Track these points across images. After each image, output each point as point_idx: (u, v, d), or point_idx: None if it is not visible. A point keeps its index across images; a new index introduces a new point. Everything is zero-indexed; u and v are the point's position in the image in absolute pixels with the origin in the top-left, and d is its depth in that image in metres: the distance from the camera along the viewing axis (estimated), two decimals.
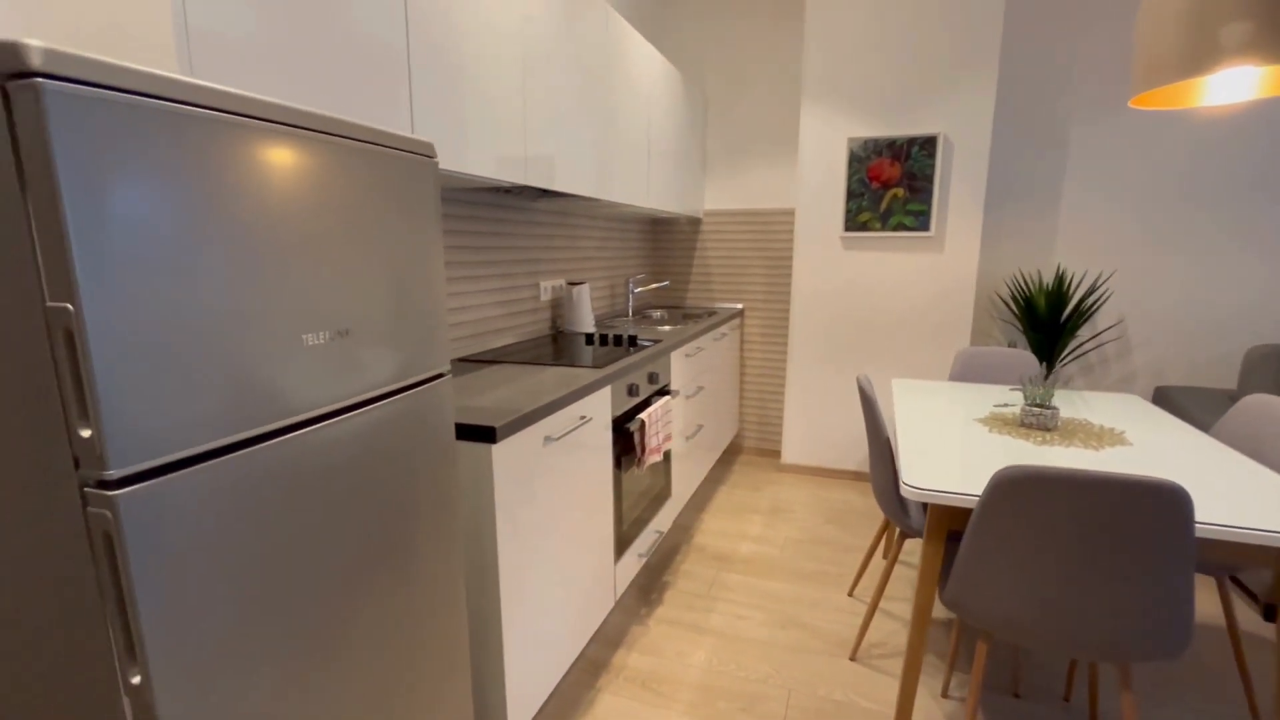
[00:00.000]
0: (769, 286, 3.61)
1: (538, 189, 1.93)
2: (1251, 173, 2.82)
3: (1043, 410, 1.78)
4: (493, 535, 1.32)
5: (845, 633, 2.10)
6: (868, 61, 2.99)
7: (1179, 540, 1.14)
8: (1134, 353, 3.11)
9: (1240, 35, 1.38)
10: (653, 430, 2.09)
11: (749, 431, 3.80)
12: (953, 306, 3.05)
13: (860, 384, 1.94)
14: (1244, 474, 1.44)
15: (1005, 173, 3.16)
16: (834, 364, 3.29)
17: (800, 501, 3.15)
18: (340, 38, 1.16)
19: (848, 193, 3.11)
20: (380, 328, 0.98)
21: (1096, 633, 1.25)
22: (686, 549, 2.66)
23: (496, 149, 1.65)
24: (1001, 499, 1.24)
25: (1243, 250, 2.88)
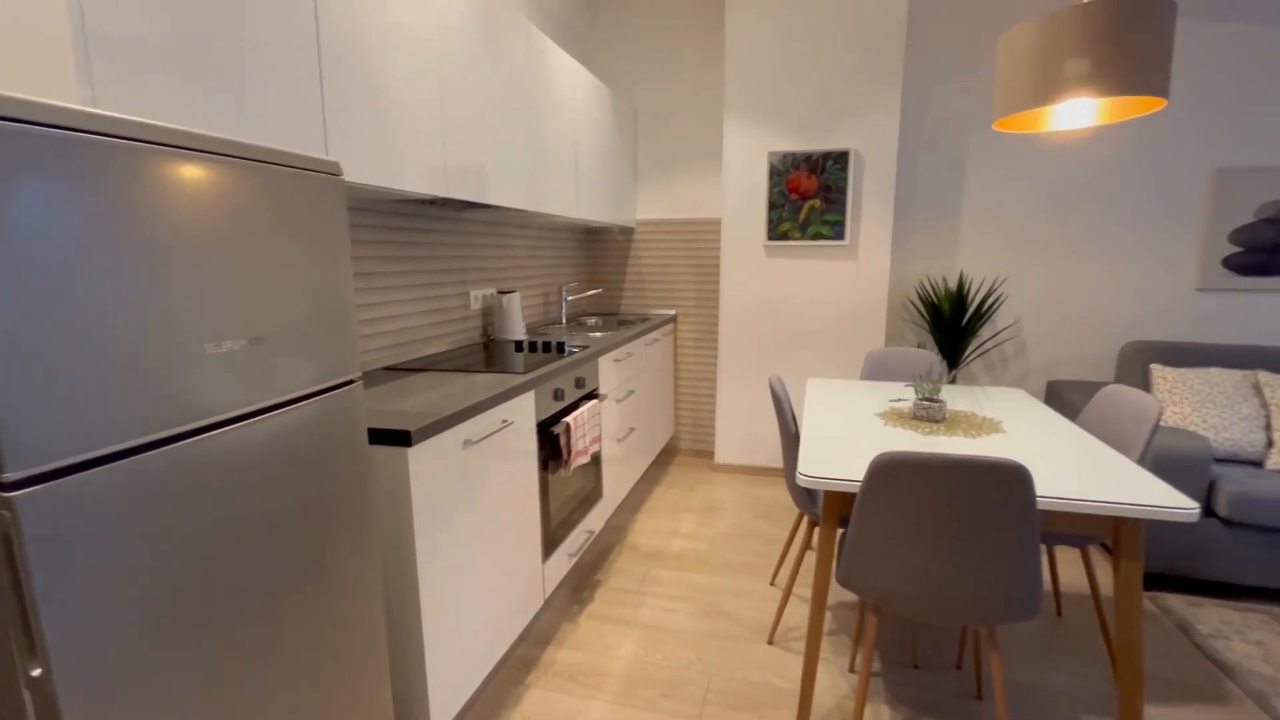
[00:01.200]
0: (699, 293, 3.75)
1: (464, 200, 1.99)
2: (1109, 189, 3.13)
3: (932, 404, 1.95)
4: (410, 537, 1.37)
5: (765, 619, 2.22)
6: (784, 80, 3.17)
7: (1024, 512, 1.30)
8: (1029, 350, 3.39)
9: (1080, 70, 1.58)
10: (579, 433, 2.17)
11: (684, 433, 3.92)
12: (867, 311, 3.26)
13: (772, 385, 2.08)
14: (1093, 454, 1.63)
15: (912, 186, 3.40)
16: (761, 367, 3.45)
17: (732, 499, 3.28)
18: (248, 48, 1.20)
19: (769, 204, 3.28)
20: (288, 336, 1.03)
21: (963, 600, 1.41)
22: (619, 548, 2.75)
23: (414, 162, 1.70)
24: (878, 483, 1.37)
25: (1111, 257, 3.19)
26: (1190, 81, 3.00)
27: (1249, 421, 2.47)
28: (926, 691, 1.86)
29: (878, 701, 1.82)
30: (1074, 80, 1.58)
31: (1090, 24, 1.51)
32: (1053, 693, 1.86)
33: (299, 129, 1.32)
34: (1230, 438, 2.46)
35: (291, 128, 1.30)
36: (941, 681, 1.91)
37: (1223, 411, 2.49)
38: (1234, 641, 2.07)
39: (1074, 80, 1.58)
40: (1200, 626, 2.15)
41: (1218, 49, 2.95)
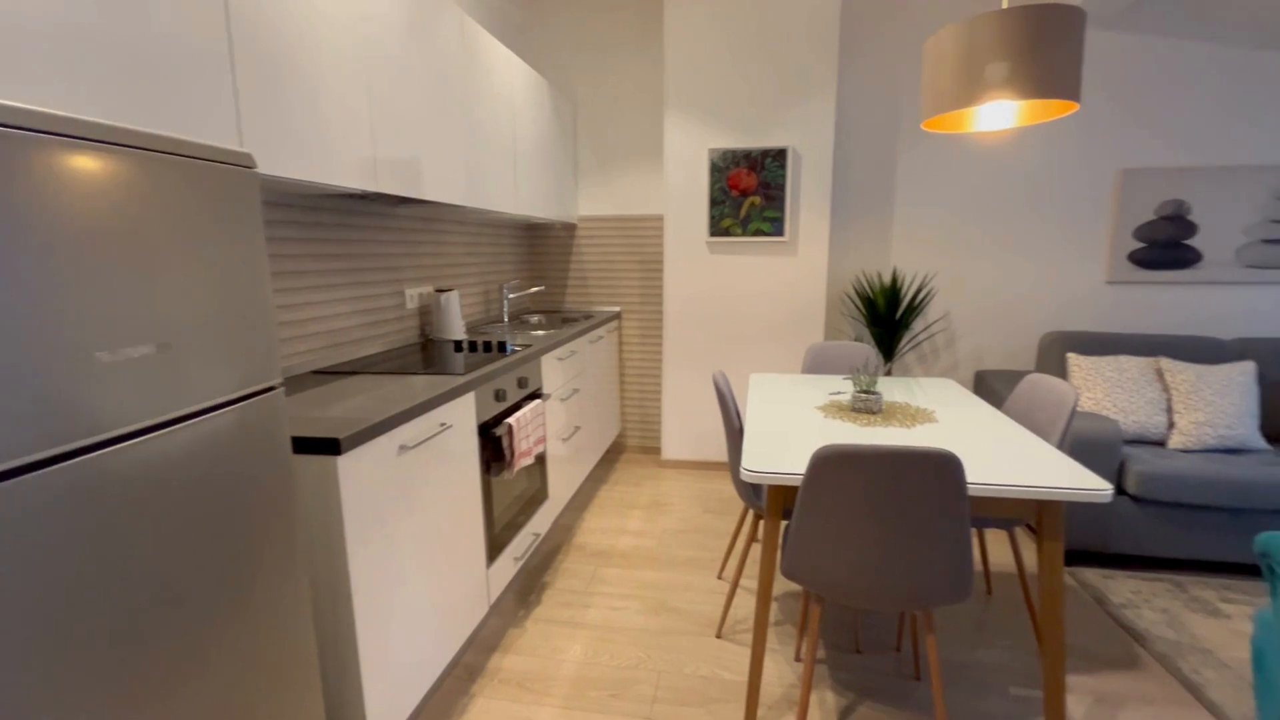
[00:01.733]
0: (644, 290, 3.74)
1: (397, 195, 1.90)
2: (1028, 188, 3.31)
3: (869, 396, 2.01)
4: (342, 549, 1.30)
5: (713, 613, 2.24)
6: (723, 77, 3.20)
7: (955, 499, 1.35)
8: (958, 342, 3.54)
9: (1000, 73, 1.64)
10: (522, 434, 2.12)
11: (631, 430, 3.92)
12: (807, 305, 3.33)
13: (715, 381, 2.09)
14: (1017, 441, 1.71)
15: (848, 184, 3.49)
16: (706, 362, 3.48)
17: (679, 494, 3.29)
18: (154, 33, 1.10)
19: (711, 200, 3.30)
20: (198, 341, 0.96)
21: (900, 586, 1.45)
22: (567, 548, 2.72)
23: (341, 154, 1.62)
24: (818, 476, 1.40)
25: (1030, 252, 3.38)
26: (1097, 87, 3.19)
27: (1153, 405, 2.65)
28: (868, 675, 1.92)
29: (823, 688, 1.87)
30: (994, 83, 1.64)
31: (1008, 30, 1.57)
32: (985, 668, 1.95)
33: (207, 118, 1.22)
34: (1137, 420, 2.64)
35: (199, 117, 1.20)
36: (882, 664, 1.97)
37: (1130, 396, 2.68)
38: (1143, 610, 2.22)
39: (994, 83, 1.64)
40: (1114, 597, 2.30)
41: (1121, 58, 3.15)
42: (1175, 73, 3.13)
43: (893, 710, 1.77)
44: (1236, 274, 3.22)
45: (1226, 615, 2.19)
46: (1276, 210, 3.15)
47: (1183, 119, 3.16)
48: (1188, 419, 2.58)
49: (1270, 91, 3.07)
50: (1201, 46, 3.09)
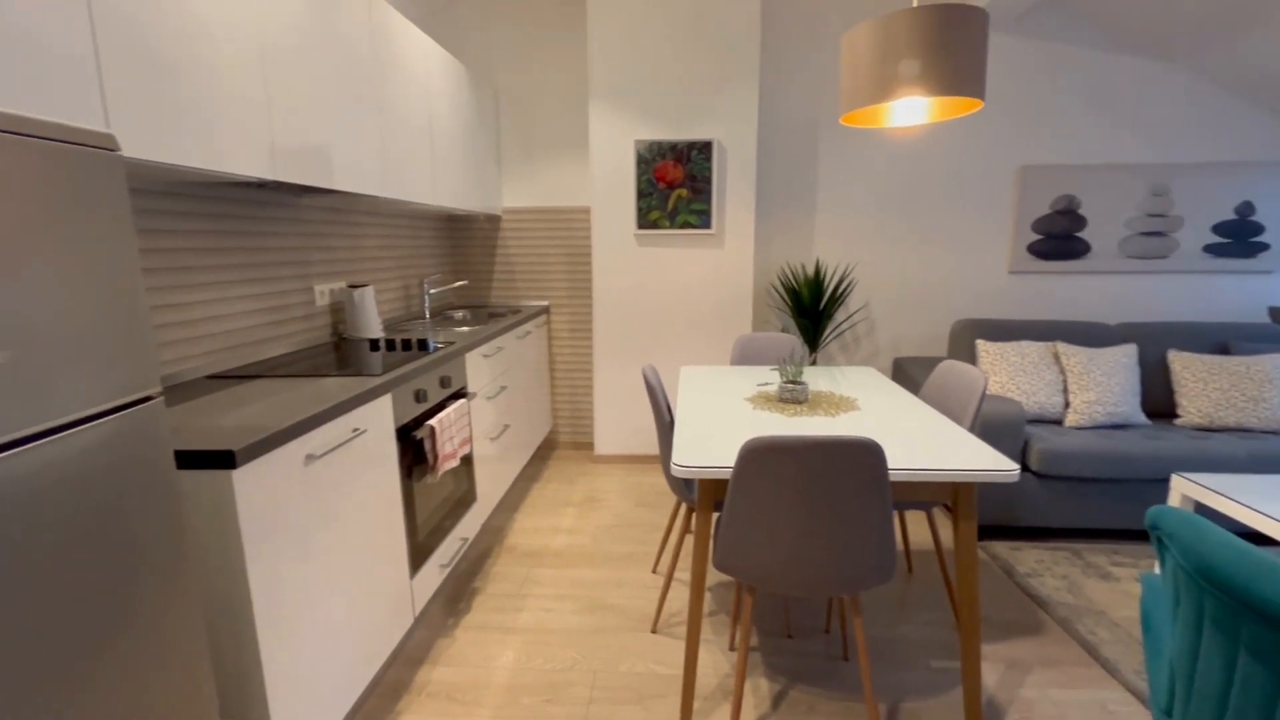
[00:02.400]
0: (572, 283, 3.68)
1: (300, 185, 1.76)
2: (939, 183, 3.48)
3: (795, 386, 2.04)
4: (242, 570, 1.19)
5: (648, 608, 2.23)
6: (648, 69, 3.17)
7: (878, 486, 1.38)
8: (878, 331, 3.69)
9: (912, 70, 1.69)
10: (445, 436, 2.03)
11: (563, 426, 3.85)
12: (735, 297, 3.37)
13: (645, 375, 2.07)
14: (933, 426, 1.78)
15: (773, 176, 3.55)
16: (636, 355, 3.46)
17: (613, 489, 3.27)
18: None
19: (638, 192, 3.27)
20: (58, 347, 0.83)
21: (828, 572, 1.48)
22: (498, 551, 2.64)
23: (231, 139, 1.47)
24: (747, 468, 1.40)
25: (942, 244, 3.55)
26: (998, 88, 3.38)
27: (1051, 386, 2.85)
28: (800, 658, 1.96)
29: (756, 675, 1.89)
30: (906, 80, 1.69)
31: (918, 28, 1.62)
32: (907, 644, 2.03)
33: (64, 95, 1.07)
34: (1038, 401, 2.83)
35: (58, 95, 1.06)
36: (813, 647, 2.02)
37: (1032, 379, 2.86)
38: (1046, 578, 2.38)
39: (906, 80, 1.69)
40: (1020, 568, 2.46)
41: (1018, 61, 3.35)
42: (1064, 76, 3.35)
43: (823, 691, 1.82)
44: (1120, 264, 3.51)
45: (1117, 578, 2.38)
46: (1152, 206, 3.44)
47: (1072, 120, 3.39)
48: (1081, 398, 2.79)
49: (1146, 96, 3.35)
50: (1087, 53, 3.32)
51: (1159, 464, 2.53)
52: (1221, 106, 3.34)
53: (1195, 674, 0.93)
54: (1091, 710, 1.74)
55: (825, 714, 1.74)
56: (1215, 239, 3.46)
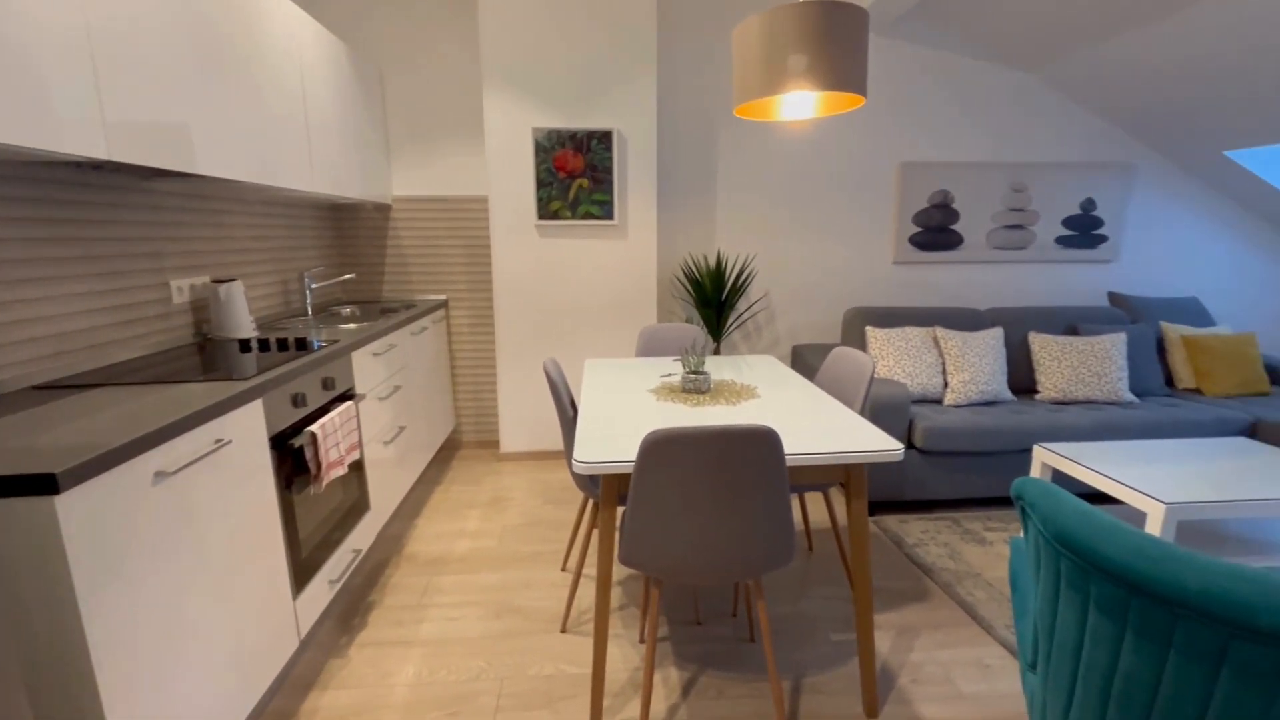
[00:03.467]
0: (471, 275, 3.54)
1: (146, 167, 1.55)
2: (829, 176, 3.65)
3: (698, 376, 2.05)
4: (73, 611, 1.03)
5: (557, 608, 2.18)
6: (543, 55, 3.08)
7: (776, 472, 1.41)
8: (778, 320, 3.82)
9: (800, 64, 1.73)
10: (330, 442, 1.88)
11: (466, 425, 3.71)
12: (639, 289, 3.36)
13: (546, 370, 2.01)
14: (827, 411, 1.85)
15: (674, 167, 3.57)
16: (540, 349, 3.38)
17: (520, 487, 3.18)
18: None
19: (537, 181, 3.18)
20: None
21: (731, 559, 1.50)
22: (397, 560, 2.49)
23: (43, 116, 1.26)
24: (649, 461, 1.38)
25: (833, 235, 3.73)
26: (880, 87, 3.58)
27: (932, 368, 3.06)
28: (709, 644, 1.99)
29: (667, 665, 1.90)
30: (794, 73, 1.73)
31: (805, 23, 1.66)
32: (809, 619, 2.11)
33: None
34: (921, 383, 3.03)
35: None
36: (721, 631, 2.05)
37: (915, 362, 3.06)
38: (930, 546, 2.56)
39: (794, 73, 1.73)
40: (908, 539, 2.63)
41: (897, 62, 3.55)
42: (937, 79, 3.60)
43: (730, 674, 1.85)
44: (987, 254, 3.83)
45: (990, 542, 2.59)
46: (1013, 201, 3.77)
47: (944, 120, 3.65)
48: (958, 379, 3.02)
49: (1005, 100, 3.66)
50: (955, 58, 3.58)
51: (1023, 436, 2.78)
52: (1068, 112, 3.71)
53: (1055, 628, 1.01)
54: (971, 667, 1.89)
55: (733, 697, 1.77)
56: (1065, 232, 3.85)
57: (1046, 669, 1.05)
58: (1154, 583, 0.79)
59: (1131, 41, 3.03)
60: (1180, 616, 0.78)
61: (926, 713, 1.71)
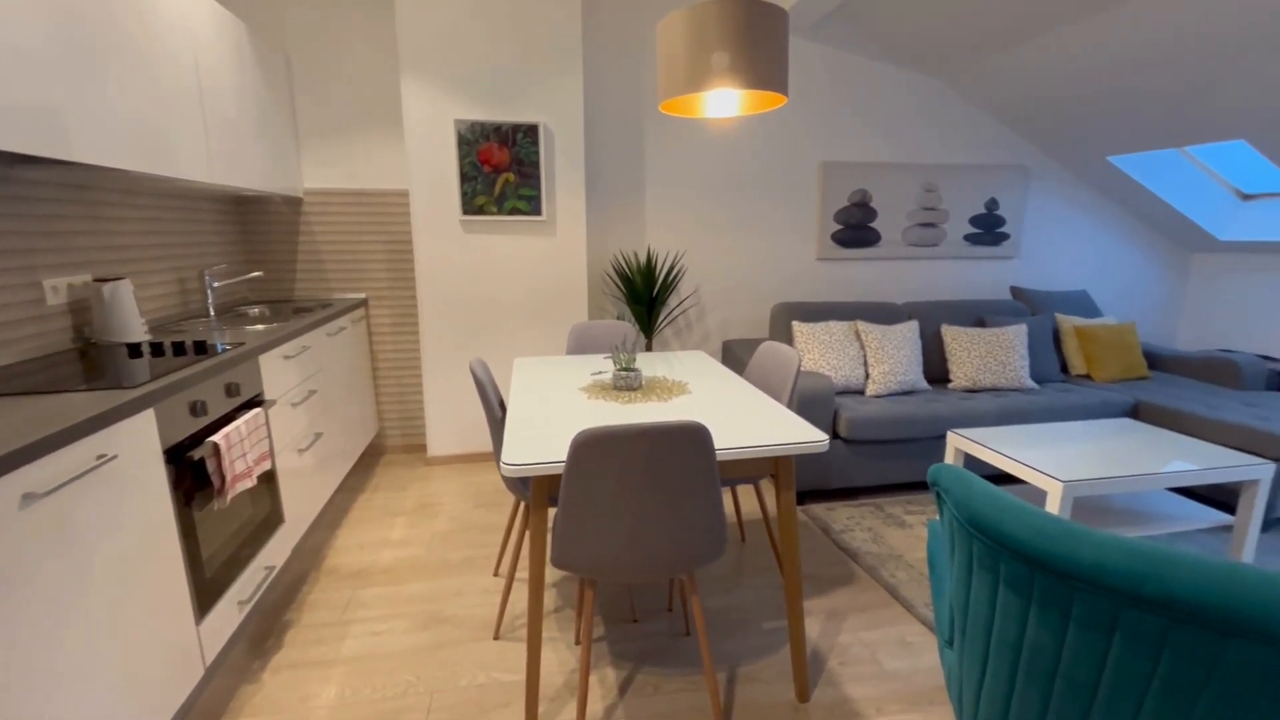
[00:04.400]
0: (393, 273, 3.38)
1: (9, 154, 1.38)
2: (756, 174, 3.73)
3: (629, 373, 2.04)
4: None
5: (490, 614, 2.12)
6: (464, 45, 2.98)
7: (706, 467, 1.42)
8: (708, 315, 3.87)
9: (723, 62, 1.74)
10: (235, 453, 1.75)
11: (391, 429, 3.55)
12: (569, 285, 3.32)
13: (473, 369, 1.95)
14: (755, 405, 1.88)
15: (602, 163, 3.54)
16: (467, 348, 3.28)
17: (449, 492, 3.08)
18: None
19: (461, 176, 3.08)
20: None
21: (664, 556, 1.49)
22: (316, 575, 2.35)
23: None
24: (579, 461, 1.36)
25: (761, 232, 3.82)
26: (802, 88, 3.68)
27: (854, 361, 3.18)
28: (646, 640, 1.99)
29: (603, 665, 1.88)
30: (718, 71, 1.74)
31: (727, 20, 1.67)
32: (743, 609, 2.15)
33: None
34: (845, 375, 3.14)
35: None
36: (657, 627, 2.05)
37: (839, 355, 3.17)
38: (856, 532, 2.66)
39: (718, 71, 1.74)
40: (835, 526, 2.72)
41: (818, 64, 3.67)
42: (855, 81, 3.74)
43: (667, 669, 1.86)
44: (903, 251, 4.02)
45: (910, 525, 2.72)
46: (925, 201, 3.98)
47: (861, 121, 3.80)
48: (878, 370, 3.15)
49: (917, 104, 3.84)
50: (871, 63, 3.73)
51: (938, 423, 2.93)
52: (972, 117, 3.94)
53: (969, 606, 1.07)
54: (894, 645, 1.97)
55: (669, 692, 1.77)
56: (972, 230, 4.09)
57: (962, 644, 1.10)
58: (1054, 559, 0.84)
59: (1023, 54, 3.25)
60: (1077, 589, 0.83)
61: (854, 693, 1.78)
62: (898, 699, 1.75)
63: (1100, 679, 0.85)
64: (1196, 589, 0.74)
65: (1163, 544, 0.79)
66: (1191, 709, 0.78)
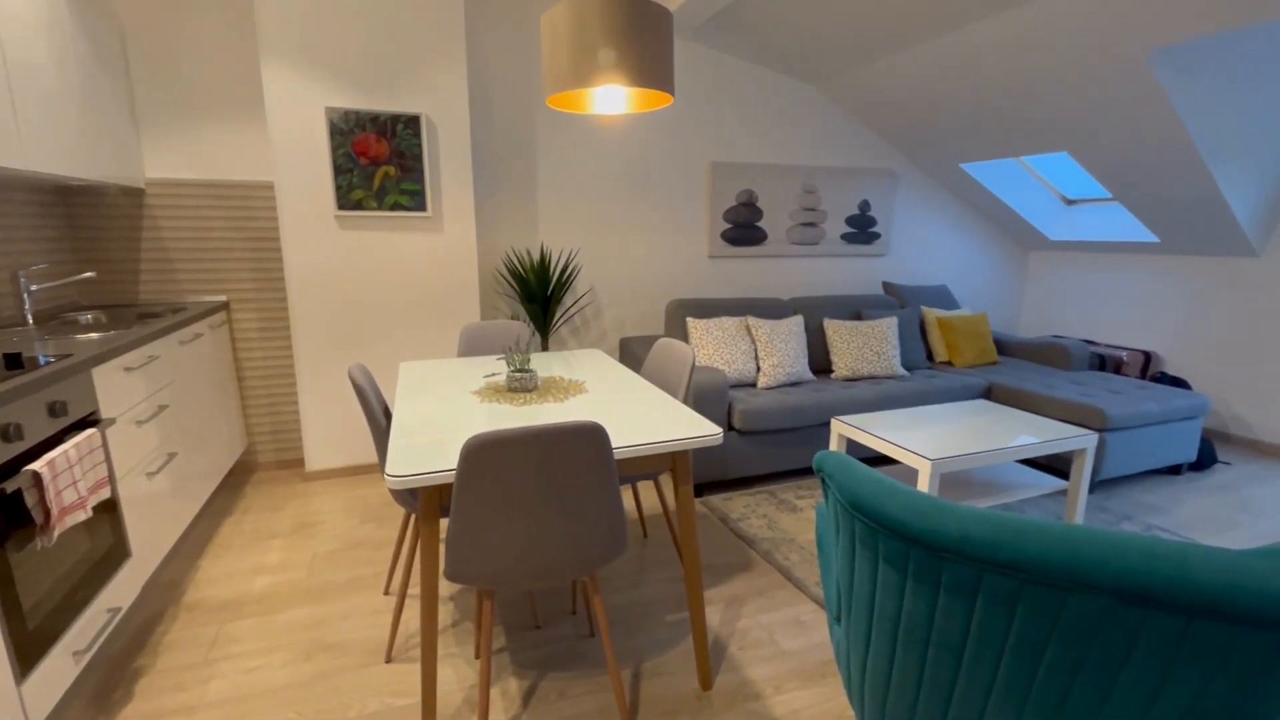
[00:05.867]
0: (259, 273, 3.09)
1: None
2: (648, 172, 3.78)
3: (523, 374, 1.99)
4: None
5: (381, 636, 1.99)
6: (334, 28, 2.76)
7: (603, 466, 1.40)
8: (605, 313, 3.86)
9: (609, 58, 1.73)
10: (62, 482, 1.51)
11: (262, 444, 3.25)
12: (459, 284, 3.19)
13: (352, 376, 1.81)
14: (651, 401, 1.90)
15: (492, 158, 3.43)
16: (347, 353, 3.06)
17: (332, 508, 2.86)
18: None
19: (335, 168, 2.86)
20: None
21: (564, 559, 1.47)
22: (174, 612, 2.10)
23: None
24: (470, 468, 1.30)
25: (654, 230, 3.87)
26: (691, 88, 3.76)
27: (746, 355, 3.30)
28: (550, 646, 1.95)
29: (506, 676, 1.82)
30: (604, 67, 1.73)
31: (611, 16, 1.66)
32: (647, 603, 2.16)
33: None
34: (737, 369, 3.26)
35: None
36: (561, 631, 2.02)
37: (731, 350, 3.28)
38: (752, 519, 2.77)
39: (604, 67, 1.73)
40: (733, 515, 2.81)
41: (706, 65, 3.76)
42: (739, 84, 3.87)
43: (572, 673, 1.83)
44: (788, 249, 4.23)
45: (801, 509, 2.87)
46: (806, 201, 4.20)
47: (747, 122, 3.95)
48: (768, 363, 3.29)
49: (797, 108, 4.05)
50: (754, 67, 3.89)
51: (824, 411, 3.11)
52: (846, 122, 4.21)
53: (853, 583, 1.13)
54: (789, 625, 2.06)
55: (575, 695, 1.75)
56: (848, 229, 4.38)
57: (848, 619, 1.17)
58: (925, 534, 0.91)
59: (885, 67, 3.52)
60: (945, 560, 0.90)
61: (754, 674, 1.84)
62: (794, 676, 1.83)
63: (966, 641, 0.93)
64: (1042, 551, 0.82)
65: (1015, 514, 0.87)
66: (1039, 660, 0.87)
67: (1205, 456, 3.35)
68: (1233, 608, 0.73)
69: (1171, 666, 0.80)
